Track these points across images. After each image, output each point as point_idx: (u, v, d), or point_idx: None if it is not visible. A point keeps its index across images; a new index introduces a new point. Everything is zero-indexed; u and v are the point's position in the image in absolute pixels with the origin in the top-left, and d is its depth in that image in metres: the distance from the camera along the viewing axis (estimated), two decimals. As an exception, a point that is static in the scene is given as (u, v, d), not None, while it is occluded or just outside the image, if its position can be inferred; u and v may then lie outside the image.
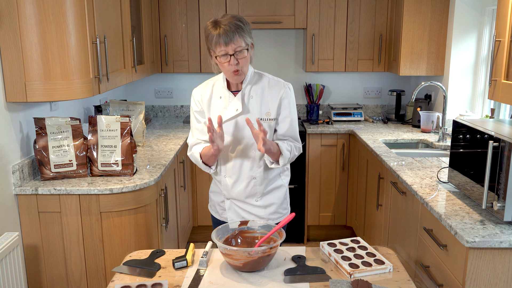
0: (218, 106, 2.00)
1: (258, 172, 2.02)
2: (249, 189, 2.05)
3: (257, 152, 1.99)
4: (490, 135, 1.83)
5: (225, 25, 1.81)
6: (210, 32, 1.84)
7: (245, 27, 1.86)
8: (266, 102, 1.97)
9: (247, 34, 1.86)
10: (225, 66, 1.87)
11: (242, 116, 1.96)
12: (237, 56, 1.84)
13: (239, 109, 1.95)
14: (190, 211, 3.69)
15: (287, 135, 2.02)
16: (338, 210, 3.83)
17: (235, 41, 1.81)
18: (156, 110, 4.30)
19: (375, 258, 1.72)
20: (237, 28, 1.82)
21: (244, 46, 1.85)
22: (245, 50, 1.86)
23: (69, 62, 2.18)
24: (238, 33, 1.82)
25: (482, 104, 3.36)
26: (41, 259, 2.32)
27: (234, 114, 1.95)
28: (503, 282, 1.70)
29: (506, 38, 2.05)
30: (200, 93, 2.04)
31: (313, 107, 4.00)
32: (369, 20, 3.79)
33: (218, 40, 1.81)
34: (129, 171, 2.41)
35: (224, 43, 1.81)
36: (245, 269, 1.65)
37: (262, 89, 1.98)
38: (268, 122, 1.97)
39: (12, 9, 2.07)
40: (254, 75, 2.01)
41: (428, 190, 2.16)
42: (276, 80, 2.02)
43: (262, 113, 1.97)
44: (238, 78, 1.92)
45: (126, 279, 1.64)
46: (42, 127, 2.32)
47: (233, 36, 1.81)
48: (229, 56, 1.84)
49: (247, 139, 1.98)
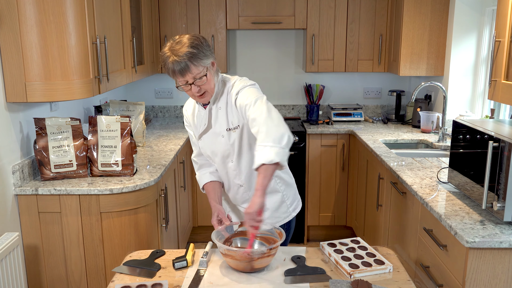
0: (198, 120, 2.00)
1: (242, 179, 1.99)
2: (239, 196, 2.04)
3: (235, 162, 1.95)
4: (490, 135, 1.83)
5: (180, 56, 1.73)
6: (166, 63, 1.77)
7: (199, 51, 1.77)
8: (230, 111, 1.91)
9: (203, 58, 1.78)
10: (189, 93, 1.85)
11: (211, 130, 1.94)
12: (197, 83, 1.79)
13: (206, 124, 1.95)
14: (190, 211, 3.69)
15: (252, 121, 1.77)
16: (338, 210, 3.83)
17: (191, 70, 1.75)
18: (156, 110, 4.30)
19: (375, 258, 1.72)
20: (191, 58, 1.74)
21: (202, 72, 1.78)
22: (204, 77, 1.79)
23: (69, 62, 2.18)
24: (192, 62, 1.75)
25: (482, 104, 3.36)
26: (41, 259, 2.31)
27: (203, 129, 1.96)
28: (503, 282, 1.70)
29: (506, 38, 2.05)
30: (186, 108, 2.07)
31: (313, 107, 4.01)
32: (369, 20, 3.79)
33: (174, 71, 1.76)
34: (129, 171, 2.41)
35: (180, 74, 1.76)
36: (245, 270, 1.65)
37: (226, 98, 1.92)
38: (234, 131, 1.90)
39: (12, 9, 2.07)
40: (221, 85, 1.93)
41: (428, 190, 2.16)
42: (230, 85, 1.92)
43: (229, 123, 1.91)
44: (205, 99, 1.88)
45: (126, 279, 1.64)
46: (42, 127, 2.32)
47: (188, 67, 1.74)
48: (189, 85, 1.80)
49: (222, 152, 1.95)
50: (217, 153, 1.97)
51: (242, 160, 1.94)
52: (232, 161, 1.95)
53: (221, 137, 1.92)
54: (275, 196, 2.03)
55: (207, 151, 2.00)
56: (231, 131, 1.90)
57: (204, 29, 3.81)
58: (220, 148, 1.94)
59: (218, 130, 1.92)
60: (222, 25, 3.80)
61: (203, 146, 2.00)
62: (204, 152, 2.02)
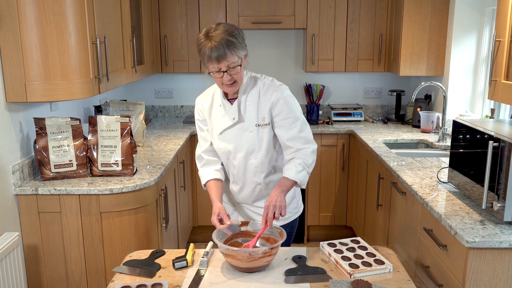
0: (218, 115, 2.00)
1: (261, 177, 2.02)
2: (255, 194, 2.06)
3: (258, 159, 1.98)
4: (490, 135, 1.83)
5: (217, 42, 1.76)
6: (202, 48, 1.80)
7: (237, 41, 1.80)
8: (262, 107, 1.94)
9: (239, 48, 1.81)
10: (218, 81, 1.86)
11: (239, 124, 1.95)
12: (230, 72, 1.81)
13: (236, 118, 1.94)
14: (190, 211, 3.69)
15: (293, 139, 1.93)
16: (338, 210, 3.83)
17: (227, 58, 1.77)
18: (156, 110, 4.30)
19: (375, 258, 1.72)
20: (229, 45, 1.76)
21: (237, 62, 1.81)
22: (238, 66, 1.82)
23: (69, 62, 2.18)
24: (230, 50, 1.77)
25: (482, 104, 3.36)
26: (41, 259, 2.31)
27: (232, 123, 1.95)
28: (503, 282, 1.70)
29: (506, 38, 2.05)
30: (202, 101, 2.06)
31: (313, 107, 4.01)
32: (369, 20, 3.79)
33: (210, 57, 1.77)
34: (129, 171, 2.41)
35: (216, 60, 1.77)
36: (246, 270, 1.65)
37: (258, 94, 1.94)
38: (265, 128, 1.95)
39: (12, 9, 2.07)
40: (250, 80, 1.96)
41: (428, 190, 2.16)
42: (269, 84, 1.95)
43: (259, 119, 1.94)
44: (232, 89, 1.89)
45: (126, 279, 1.64)
46: (42, 127, 2.32)
47: (225, 54, 1.76)
48: (222, 72, 1.81)
49: (246, 147, 1.97)
50: (242, 149, 1.97)
51: (267, 157, 1.98)
52: (255, 157, 1.97)
53: (249, 132, 1.94)
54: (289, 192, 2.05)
55: (228, 146, 1.98)
56: (260, 127, 1.94)
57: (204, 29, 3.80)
58: (246, 143, 1.96)
59: (247, 125, 1.95)
60: (222, 25, 3.80)
61: (223, 141, 1.99)
62: (224, 147, 2.00)
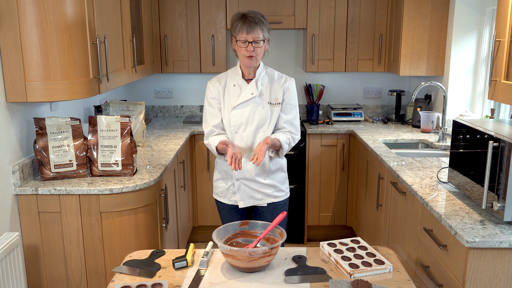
0: (232, 93, 2.28)
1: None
2: (258, 167, 2.28)
3: (267, 132, 2.26)
4: (490, 135, 1.83)
5: (251, 16, 2.14)
6: (236, 20, 2.16)
7: (266, 23, 2.19)
8: (274, 90, 2.29)
9: (266, 30, 2.18)
10: (242, 50, 2.18)
11: (255, 99, 2.25)
12: (254, 45, 2.16)
13: (255, 92, 2.25)
14: (190, 211, 3.69)
15: (289, 123, 2.31)
16: (338, 210, 3.83)
17: (255, 31, 2.14)
18: (156, 110, 4.30)
19: (375, 258, 1.72)
20: (260, 22, 2.14)
21: (261, 38, 2.17)
22: (261, 42, 2.17)
23: (69, 62, 2.18)
24: (259, 26, 2.14)
25: (482, 104, 3.36)
26: (41, 259, 2.31)
27: (250, 97, 2.25)
28: (503, 282, 1.70)
29: (506, 38, 2.05)
30: (216, 81, 2.33)
31: (313, 107, 4.00)
32: (369, 20, 3.79)
33: (242, 28, 2.13)
34: (129, 171, 2.41)
35: (246, 31, 2.13)
36: (246, 270, 1.65)
37: (270, 80, 2.31)
38: (276, 107, 2.27)
39: (12, 9, 2.07)
40: (264, 68, 2.33)
41: (428, 190, 2.16)
42: (281, 74, 2.35)
43: (271, 98, 2.28)
44: (250, 63, 2.20)
45: (126, 279, 1.64)
46: (42, 127, 2.32)
47: (254, 27, 2.13)
48: (247, 43, 2.15)
49: (258, 120, 2.25)
50: (254, 121, 2.25)
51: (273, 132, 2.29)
52: (264, 131, 2.27)
53: (262, 107, 2.26)
54: (283, 173, 2.41)
55: (240, 118, 2.26)
56: (271, 105, 2.28)
57: (204, 29, 3.81)
58: (258, 117, 2.26)
59: (261, 101, 2.27)
60: (222, 25, 3.80)
61: (237, 114, 2.25)
62: (236, 119, 2.26)
